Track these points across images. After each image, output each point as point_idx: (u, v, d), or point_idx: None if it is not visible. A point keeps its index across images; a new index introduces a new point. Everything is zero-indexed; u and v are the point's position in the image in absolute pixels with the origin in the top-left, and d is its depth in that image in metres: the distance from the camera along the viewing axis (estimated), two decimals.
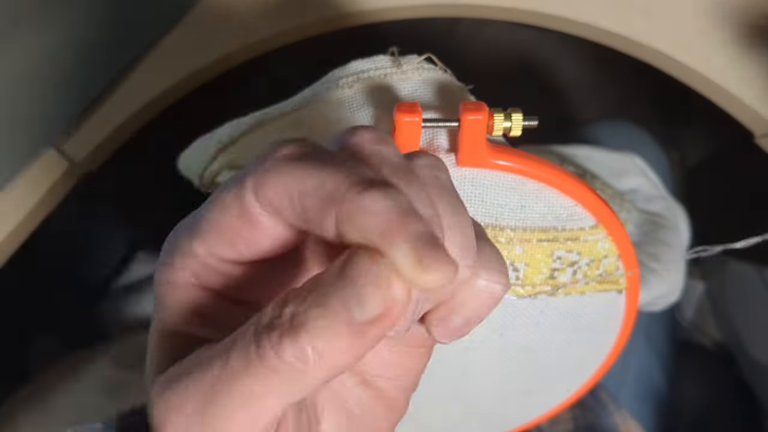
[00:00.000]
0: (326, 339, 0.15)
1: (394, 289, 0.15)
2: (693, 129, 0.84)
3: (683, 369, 0.64)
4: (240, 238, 0.18)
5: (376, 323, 0.15)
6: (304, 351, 0.15)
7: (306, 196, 0.16)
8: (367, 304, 0.15)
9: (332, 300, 0.15)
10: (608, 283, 0.32)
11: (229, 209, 0.18)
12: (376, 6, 0.49)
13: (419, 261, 0.15)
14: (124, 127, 0.48)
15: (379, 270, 0.15)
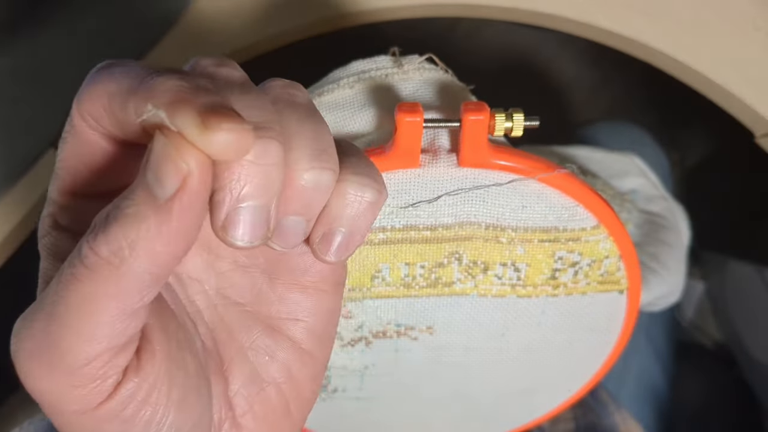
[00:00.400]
0: (136, 226, 0.15)
1: (186, 158, 0.15)
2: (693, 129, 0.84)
3: (683, 369, 0.64)
4: (83, 162, 0.19)
5: (177, 198, 0.15)
6: (118, 243, 0.15)
7: (113, 97, 0.17)
8: (164, 179, 0.15)
9: (138, 188, 0.16)
10: (609, 284, 0.32)
11: (68, 136, 0.19)
12: (376, 6, 0.49)
13: (202, 122, 0.15)
14: None
15: (169, 142, 0.15)
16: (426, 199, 0.28)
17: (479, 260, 0.30)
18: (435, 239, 0.29)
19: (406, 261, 0.30)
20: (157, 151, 0.16)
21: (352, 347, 0.33)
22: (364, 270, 0.30)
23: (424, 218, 0.29)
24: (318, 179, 0.18)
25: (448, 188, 0.28)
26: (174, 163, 0.15)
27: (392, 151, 0.27)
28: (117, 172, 0.19)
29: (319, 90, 0.31)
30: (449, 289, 0.31)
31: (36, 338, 0.17)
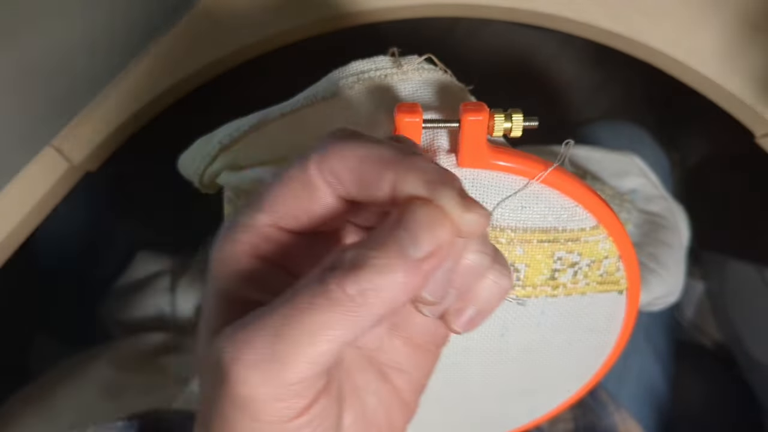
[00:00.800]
0: (384, 275, 0.18)
1: (444, 228, 0.19)
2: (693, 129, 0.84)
3: (683, 369, 0.64)
4: (299, 205, 0.21)
5: (428, 259, 0.18)
6: (364, 285, 0.18)
7: (364, 163, 0.20)
8: (421, 242, 0.18)
9: (389, 242, 0.18)
10: (609, 284, 0.32)
11: (293, 181, 0.21)
12: (376, 6, 0.49)
13: (463, 202, 0.19)
14: (124, 127, 0.48)
15: (431, 212, 0.19)
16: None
17: None
18: None
19: None
20: (417, 218, 0.19)
21: None
22: None
23: None
24: (481, 261, 0.21)
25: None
26: (433, 231, 0.18)
27: None
28: (333, 219, 0.22)
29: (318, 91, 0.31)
30: None
31: (259, 352, 0.19)
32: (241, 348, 0.19)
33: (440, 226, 0.19)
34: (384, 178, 0.19)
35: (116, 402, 0.53)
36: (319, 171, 0.20)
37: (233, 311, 0.21)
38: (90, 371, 0.56)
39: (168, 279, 0.66)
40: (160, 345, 0.61)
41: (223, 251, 0.22)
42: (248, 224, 0.21)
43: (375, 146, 0.20)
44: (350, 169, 0.20)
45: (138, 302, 0.64)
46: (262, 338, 0.19)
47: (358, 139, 0.20)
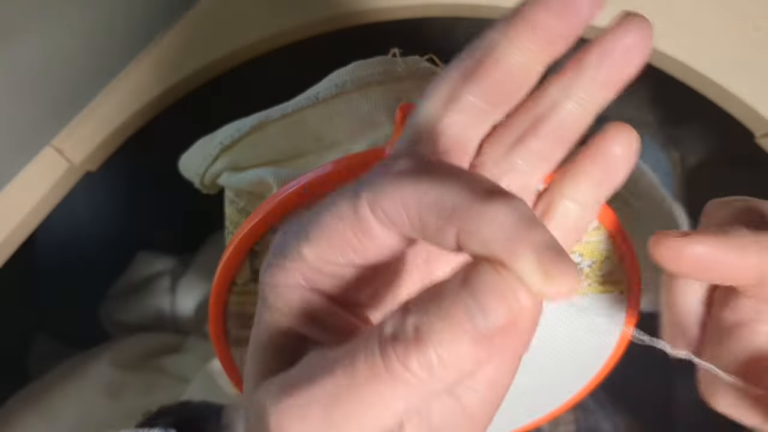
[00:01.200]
0: (450, 349, 0.16)
1: (521, 299, 0.15)
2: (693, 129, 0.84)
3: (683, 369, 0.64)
4: (351, 246, 0.19)
5: (502, 333, 0.15)
6: (430, 361, 0.16)
7: (424, 211, 0.17)
8: (491, 314, 0.15)
9: (455, 311, 0.15)
10: (610, 285, 0.32)
11: (344, 220, 0.18)
12: (376, 6, 0.49)
13: (545, 272, 0.15)
14: (124, 127, 0.48)
15: (504, 281, 0.15)
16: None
17: None
18: None
19: None
20: (485, 285, 0.15)
21: None
22: None
23: None
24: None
25: None
26: (505, 300, 0.15)
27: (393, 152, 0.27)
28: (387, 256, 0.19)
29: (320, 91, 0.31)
30: None
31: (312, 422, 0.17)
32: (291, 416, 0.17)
33: (515, 297, 0.15)
34: (447, 231, 0.16)
35: (116, 402, 0.53)
36: (373, 213, 0.18)
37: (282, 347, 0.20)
38: (90, 371, 0.56)
39: (168, 279, 0.66)
40: (160, 345, 0.61)
41: (276, 278, 0.20)
42: (296, 256, 0.19)
43: (436, 188, 0.17)
44: (407, 214, 0.17)
45: (138, 302, 0.64)
46: (317, 408, 0.17)
47: (417, 177, 0.17)
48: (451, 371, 0.16)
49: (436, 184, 0.17)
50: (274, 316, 0.20)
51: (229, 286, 0.31)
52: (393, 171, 0.18)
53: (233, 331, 0.32)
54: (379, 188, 0.18)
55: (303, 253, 0.19)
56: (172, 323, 0.65)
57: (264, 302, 0.20)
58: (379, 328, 0.17)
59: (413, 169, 0.18)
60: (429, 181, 0.17)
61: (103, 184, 0.64)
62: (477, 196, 0.16)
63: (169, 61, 0.48)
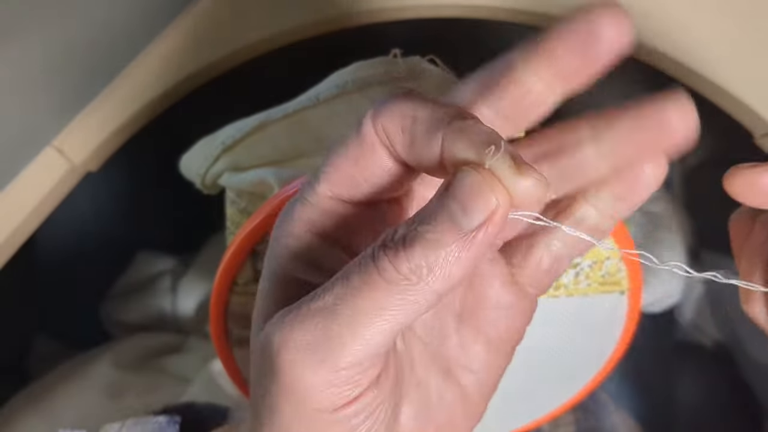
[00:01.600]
0: (437, 250, 0.17)
1: (497, 194, 0.17)
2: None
3: (683, 369, 0.64)
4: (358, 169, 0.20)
5: (482, 230, 0.17)
6: (419, 263, 0.17)
7: (416, 122, 0.19)
8: (472, 212, 0.17)
9: (440, 215, 0.17)
10: (611, 285, 0.32)
11: (351, 142, 0.20)
12: (376, 6, 0.49)
13: (518, 167, 0.17)
14: (124, 127, 0.47)
15: (482, 179, 0.17)
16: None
17: None
18: None
19: None
20: (467, 184, 0.17)
21: None
22: None
23: None
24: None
25: None
26: (485, 198, 0.17)
27: None
28: (391, 186, 0.21)
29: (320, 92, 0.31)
30: None
31: (314, 333, 0.18)
32: (292, 331, 0.18)
33: (491, 193, 0.17)
34: (433, 139, 0.18)
35: (117, 402, 0.53)
36: (374, 129, 0.20)
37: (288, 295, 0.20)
38: (91, 372, 0.56)
39: (168, 279, 0.66)
40: (161, 345, 0.61)
41: (282, 229, 0.21)
42: (307, 199, 0.21)
43: (428, 106, 0.19)
44: (402, 128, 0.19)
45: (138, 302, 0.64)
46: (314, 320, 0.18)
47: (413, 99, 0.19)
48: (439, 275, 0.17)
49: (429, 103, 0.19)
50: (279, 263, 0.21)
51: (230, 286, 0.31)
52: (390, 95, 0.20)
53: (234, 331, 0.32)
54: (380, 105, 0.19)
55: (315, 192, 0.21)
56: (173, 323, 0.64)
57: (271, 251, 0.21)
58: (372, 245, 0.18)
59: (407, 94, 0.20)
60: (422, 101, 0.19)
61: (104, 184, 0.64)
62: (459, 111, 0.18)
63: (169, 61, 0.48)
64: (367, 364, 0.18)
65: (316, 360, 0.18)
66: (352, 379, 0.18)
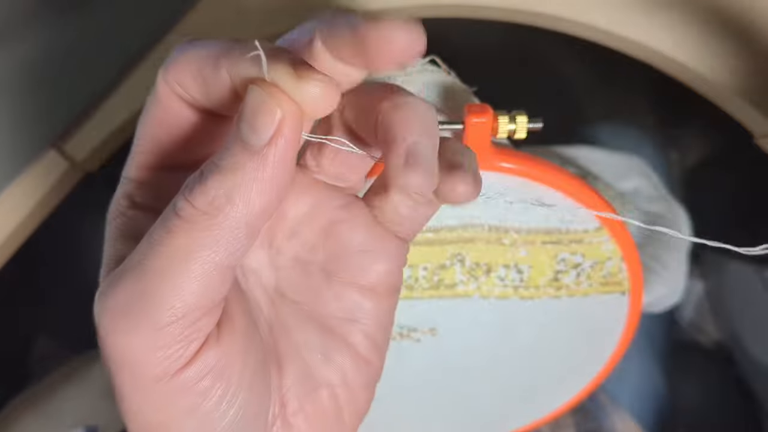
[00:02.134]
0: (232, 176, 0.16)
1: (282, 104, 0.16)
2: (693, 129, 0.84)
3: (683, 369, 0.64)
4: (163, 130, 0.20)
5: (272, 144, 0.16)
6: (215, 192, 0.16)
7: (203, 62, 0.18)
8: (259, 126, 0.16)
9: (231, 142, 0.17)
10: (612, 285, 0.32)
11: (151, 105, 0.20)
12: (376, 6, 0.49)
13: (296, 73, 0.16)
14: (124, 127, 0.47)
15: (264, 92, 0.16)
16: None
17: (482, 262, 0.30)
18: (438, 241, 0.29)
19: (409, 263, 0.30)
20: (251, 101, 0.16)
21: None
22: None
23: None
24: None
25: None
26: (269, 110, 0.16)
27: None
28: (199, 142, 0.20)
29: None
30: (452, 290, 0.31)
31: (125, 293, 0.17)
32: (105, 298, 0.18)
33: (276, 102, 0.16)
34: (219, 69, 0.17)
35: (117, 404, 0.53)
36: (168, 85, 0.19)
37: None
38: (91, 372, 0.56)
39: None
40: None
41: (109, 212, 0.21)
42: (125, 177, 0.20)
43: (208, 44, 0.18)
44: (192, 74, 0.18)
45: None
46: (127, 280, 0.17)
47: (194, 44, 0.18)
48: (239, 202, 0.16)
49: (208, 42, 0.18)
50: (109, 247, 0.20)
51: None
52: (180, 46, 0.19)
53: None
54: (168, 61, 0.19)
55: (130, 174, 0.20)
56: None
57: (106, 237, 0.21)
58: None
59: (191, 41, 0.19)
60: (202, 43, 0.18)
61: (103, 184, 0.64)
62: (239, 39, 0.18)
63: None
64: (192, 317, 0.17)
65: (134, 322, 0.17)
66: (180, 336, 0.17)
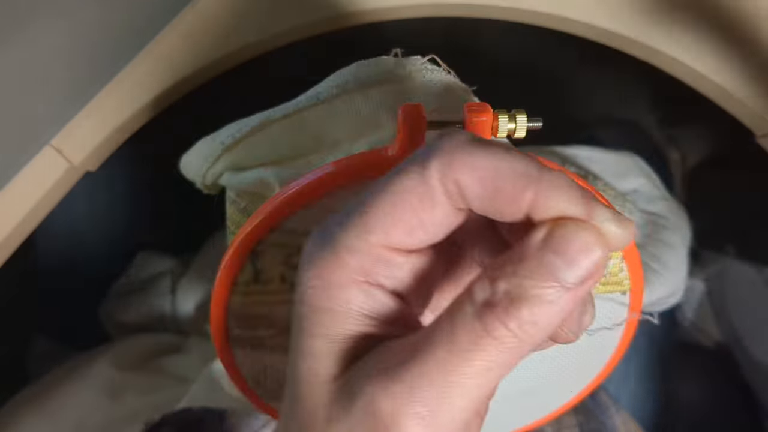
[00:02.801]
0: (542, 306, 0.17)
1: (602, 248, 0.18)
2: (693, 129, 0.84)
3: (683, 369, 0.64)
4: (417, 221, 0.19)
5: (585, 283, 0.18)
6: (527, 320, 0.17)
7: (499, 177, 0.18)
8: (580, 266, 0.17)
9: (543, 269, 0.17)
10: (612, 285, 0.32)
11: (411, 192, 0.18)
12: (376, 6, 0.49)
13: (619, 221, 0.18)
14: (124, 127, 0.47)
15: (587, 234, 0.17)
16: None
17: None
18: None
19: None
20: (573, 240, 0.17)
21: None
22: None
23: None
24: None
25: None
26: (591, 251, 0.17)
27: (395, 152, 0.27)
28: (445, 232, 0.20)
29: (321, 92, 0.31)
30: None
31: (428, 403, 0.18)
32: (407, 401, 0.18)
33: (598, 247, 0.17)
34: (524, 194, 0.18)
35: (117, 403, 0.53)
36: (442, 182, 0.18)
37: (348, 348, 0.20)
38: (90, 372, 0.56)
39: (168, 279, 0.65)
40: (161, 345, 0.61)
41: (324, 278, 0.19)
42: (352, 247, 0.19)
43: (508, 157, 0.18)
44: (481, 183, 0.18)
45: (138, 303, 0.64)
46: (428, 388, 0.18)
47: (488, 148, 0.18)
48: (543, 327, 0.18)
49: (505, 155, 0.18)
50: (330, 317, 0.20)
51: (230, 286, 0.31)
52: (458, 140, 0.18)
53: (234, 332, 0.32)
54: (450, 157, 0.18)
55: (364, 241, 0.19)
56: (173, 323, 0.64)
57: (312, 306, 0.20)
58: (465, 299, 0.18)
59: (477, 140, 0.18)
60: (497, 150, 0.18)
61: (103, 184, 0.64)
62: (544, 166, 0.18)
63: (169, 61, 0.48)
64: (473, 423, 0.19)
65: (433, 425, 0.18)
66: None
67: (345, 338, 0.20)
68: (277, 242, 0.29)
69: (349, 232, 0.19)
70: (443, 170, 0.18)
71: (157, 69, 0.48)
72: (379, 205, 0.19)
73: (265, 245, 0.29)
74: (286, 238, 0.29)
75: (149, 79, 0.48)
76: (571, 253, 0.17)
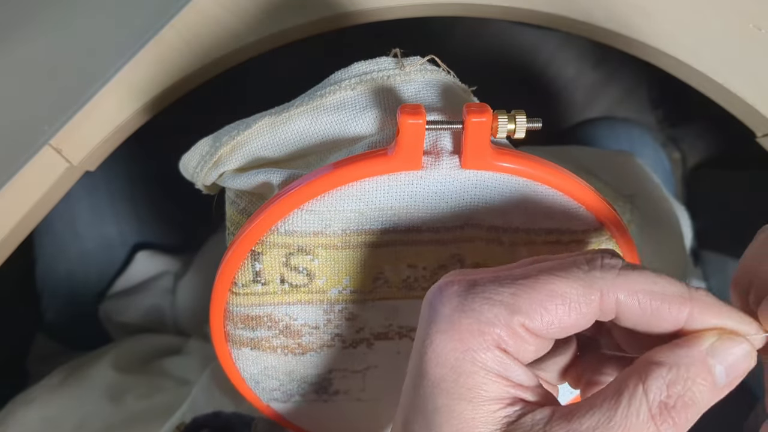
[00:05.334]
0: (697, 408, 0.21)
1: (755, 359, 0.22)
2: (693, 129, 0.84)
3: None
4: (566, 324, 0.22)
5: (733, 384, 0.22)
6: (690, 418, 0.21)
7: (655, 298, 0.22)
8: (735, 372, 0.22)
9: (707, 375, 0.21)
10: None
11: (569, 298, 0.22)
12: (376, 6, 0.49)
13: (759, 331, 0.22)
14: (123, 127, 0.47)
15: (747, 345, 0.22)
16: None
17: (481, 262, 0.30)
18: (437, 241, 0.29)
19: (408, 263, 0.30)
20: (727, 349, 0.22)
21: (354, 349, 0.33)
22: (366, 272, 0.30)
23: (427, 220, 0.29)
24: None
25: (450, 190, 0.28)
26: (747, 360, 0.22)
27: (395, 153, 0.27)
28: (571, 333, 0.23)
29: (321, 91, 0.31)
30: None
31: None
32: None
33: (753, 359, 0.22)
34: (680, 313, 0.22)
35: (117, 404, 0.53)
36: (603, 299, 0.22)
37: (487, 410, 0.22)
38: (91, 374, 0.56)
39: (168, 280, 0.65)
40: (161, 346, 0.61)
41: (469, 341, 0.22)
42: (499, 323, 0.22)
43: (660, 282, 0.22)
44: (639, 303, 0.22)
45: (138, 303, 0.64)
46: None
47: (642, 273, 0.22)
48: (691, 422, 0.21)
49: (657, 279, 0.22)
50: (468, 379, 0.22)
51: (229, 287, 0.31)
52: (617, 266, 0.22)
53: (234, 332, 0.32)
54: (613, 282, 0.22)
55: (510, 320, 0.22)
56: (173, 324, 0.64)
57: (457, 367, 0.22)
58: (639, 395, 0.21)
59: (630, 266, 0.22)
60: (650, 277, 0.22)
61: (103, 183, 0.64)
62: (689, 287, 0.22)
63: (168, 61, 0.48)
64: None
65: None
66: None
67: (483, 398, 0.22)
68: (277, 243, 0.29)
69: (496, 308, 0.22)
70: (607, 290, 0.22)
71: (157, 69, 0.48)
72: (534, 296, 0.22)
73: (265, 245, 0.29)
74: (286, 239, 0.29)
75: (149, 79, 0.47)
76: (733, 364, 0.21)
